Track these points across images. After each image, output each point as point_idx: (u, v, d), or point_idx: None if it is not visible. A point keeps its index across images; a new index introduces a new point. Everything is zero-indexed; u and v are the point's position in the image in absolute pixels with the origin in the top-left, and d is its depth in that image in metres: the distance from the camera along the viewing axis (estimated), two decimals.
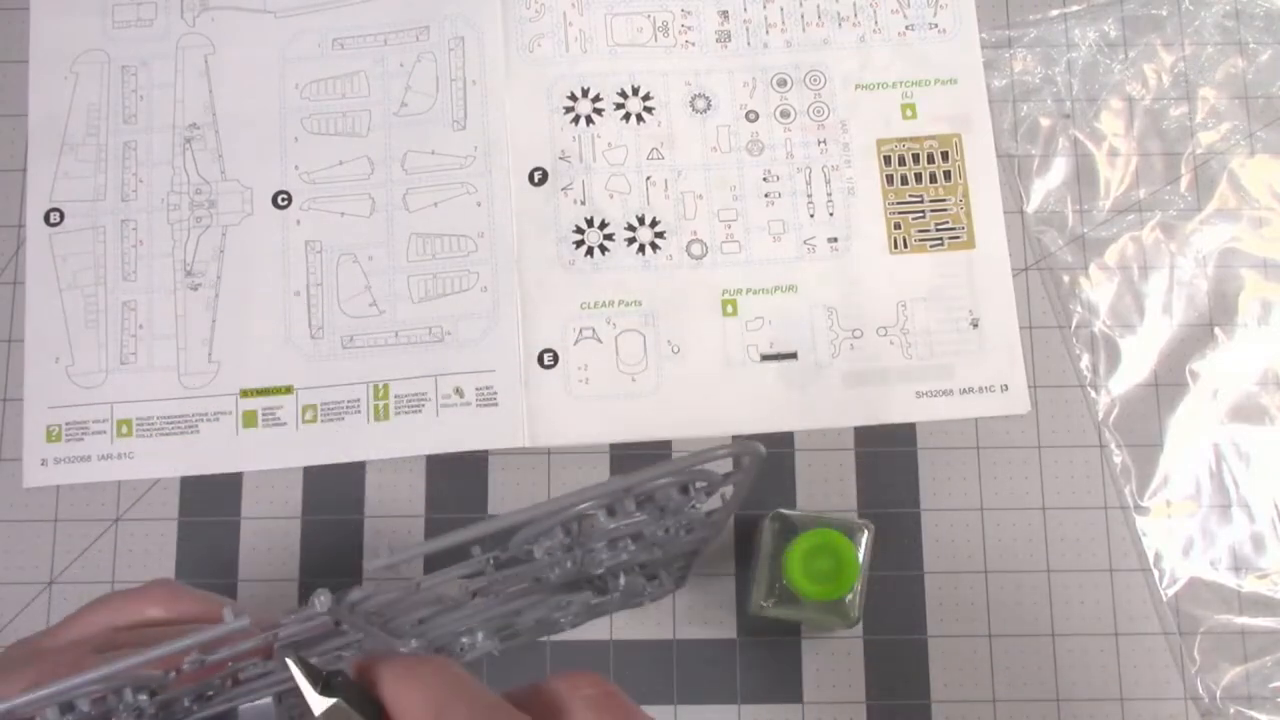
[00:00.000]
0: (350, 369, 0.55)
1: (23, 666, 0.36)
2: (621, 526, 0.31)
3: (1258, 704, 0.53)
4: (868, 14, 0.59)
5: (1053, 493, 0.55)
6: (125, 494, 0.55)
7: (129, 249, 0.57)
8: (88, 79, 0.59)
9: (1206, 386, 0.56)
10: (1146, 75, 0.59)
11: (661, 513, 0.32)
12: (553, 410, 0.54)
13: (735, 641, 0.53)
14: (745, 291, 0.56)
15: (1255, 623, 0.53)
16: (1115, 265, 0.57)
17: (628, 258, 0.56)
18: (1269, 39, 0.59)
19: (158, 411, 0.55)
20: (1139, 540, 0.54)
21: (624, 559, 0.34)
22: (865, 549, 0.49)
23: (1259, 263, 0.57)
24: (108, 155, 0.58)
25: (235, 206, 0.57)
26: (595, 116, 0.58)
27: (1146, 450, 0.55)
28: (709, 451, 0.28)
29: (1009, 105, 0.59)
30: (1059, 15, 0.60)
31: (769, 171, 0.57)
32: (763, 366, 0.55)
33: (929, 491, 0.55)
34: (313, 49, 0.59)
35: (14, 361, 0.56)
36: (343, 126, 0.58)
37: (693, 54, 0.59)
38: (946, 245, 0.57)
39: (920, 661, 0.53)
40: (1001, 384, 0.55)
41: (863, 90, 0.58)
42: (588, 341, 0.55)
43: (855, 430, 0.55)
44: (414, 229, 0.57)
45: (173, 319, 0.56)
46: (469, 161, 0.57)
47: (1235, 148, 0.58)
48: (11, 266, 0.58)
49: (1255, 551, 0.54)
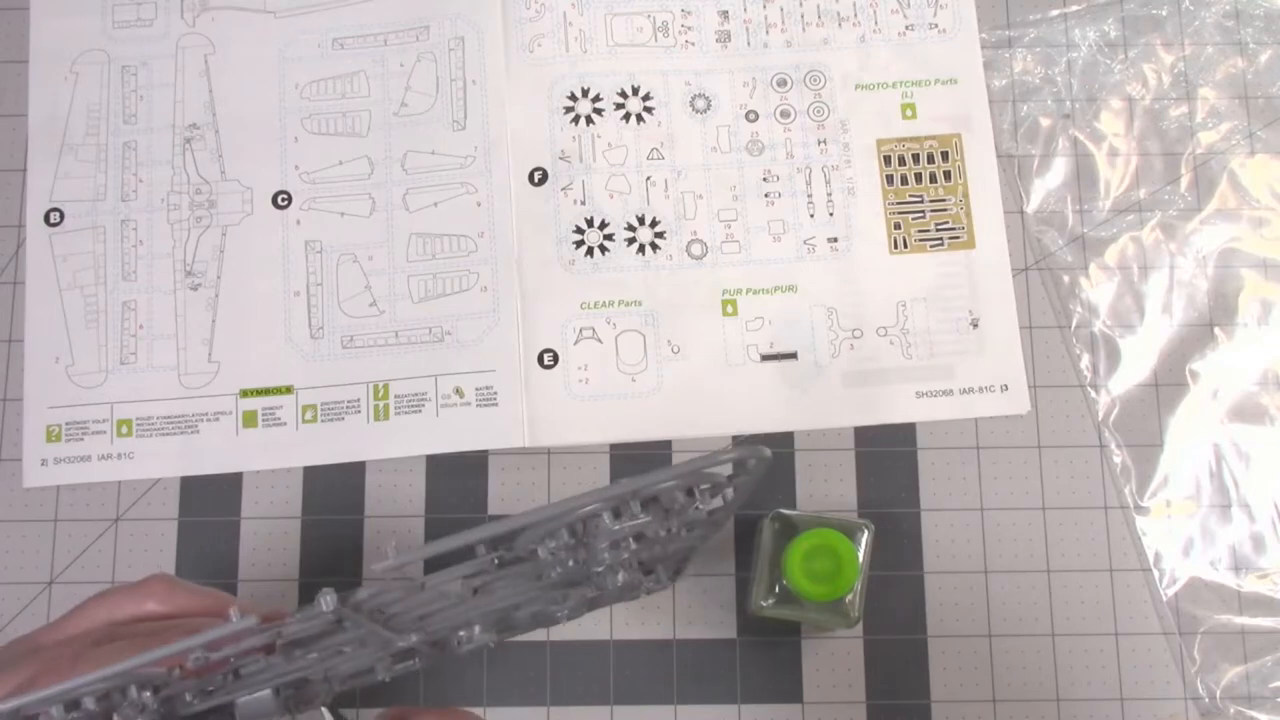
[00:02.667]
0: (350, 369, 0.55)
1: (21, 663, 0.36)
2: (626, 528, 0.31)
3: (1258, 704, 0.53)
4: (868, 14, 0.59)
5: (1053, 493, 0.55)
6: (125, 494, 0.55)
7: (129, 249, 0.57)
8: (88, 79, 0.59)
9: (1206, 386, 0.56)
10: (1146, 75, 0.59)
11: (666, 514, 0.32)
12: (553, 410, 0.54)
13: (735, 641, 0.53)
14: (745, 291, 0.56)
15: (1255, 623, 0.53)
16: (1115, 265, 0.57)
17: (628, 258, 0.56)
18: (1269, 39, 0.59)
19: (158, 411, 0.55)
20: (1139, 540, 0.54)
21: (624, 557, 0.34)
22: (865, 549, 0.49)
23: (1259, 263, 0.57)
24: (108, 155, 0.58)
25: (235, 206, 0.57)
26: (595, 116, 0.58)
27: (1146, 450, 0.55)
28: (715, 454, 0.29)
29: (1009, 105, 0.59)
30: (1059, 15, 0.60)
31: (769, 171, 0.57)
32: (763, 366, 0.55)
33: (929, 491, 0.55)
34: (313, 49, 0.59)
35: (14, 361, 0.56)
36: (343, 126, 0.58)
37: (693, 54, 0.59)
38: (946, 245, 0.57)
39: (920, 661, 0.53)
40: (1001, 384, 0.55)
41: (863, 90, 0.58)
42: (588, 341, 0.55)
43: (855, 430, 0.55)
44: (414, 229, 0.57)
45: (173, 319, 0.56)
46: (469, 161, 0.57)
47: (1235, 148, 0.58)
48: (11, 266, 0.58)
49: (1255, 551, 0.54)
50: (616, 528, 0.31)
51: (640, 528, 0.32)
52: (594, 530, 0.31)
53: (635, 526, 0.31)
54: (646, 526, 0.32)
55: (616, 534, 0.31)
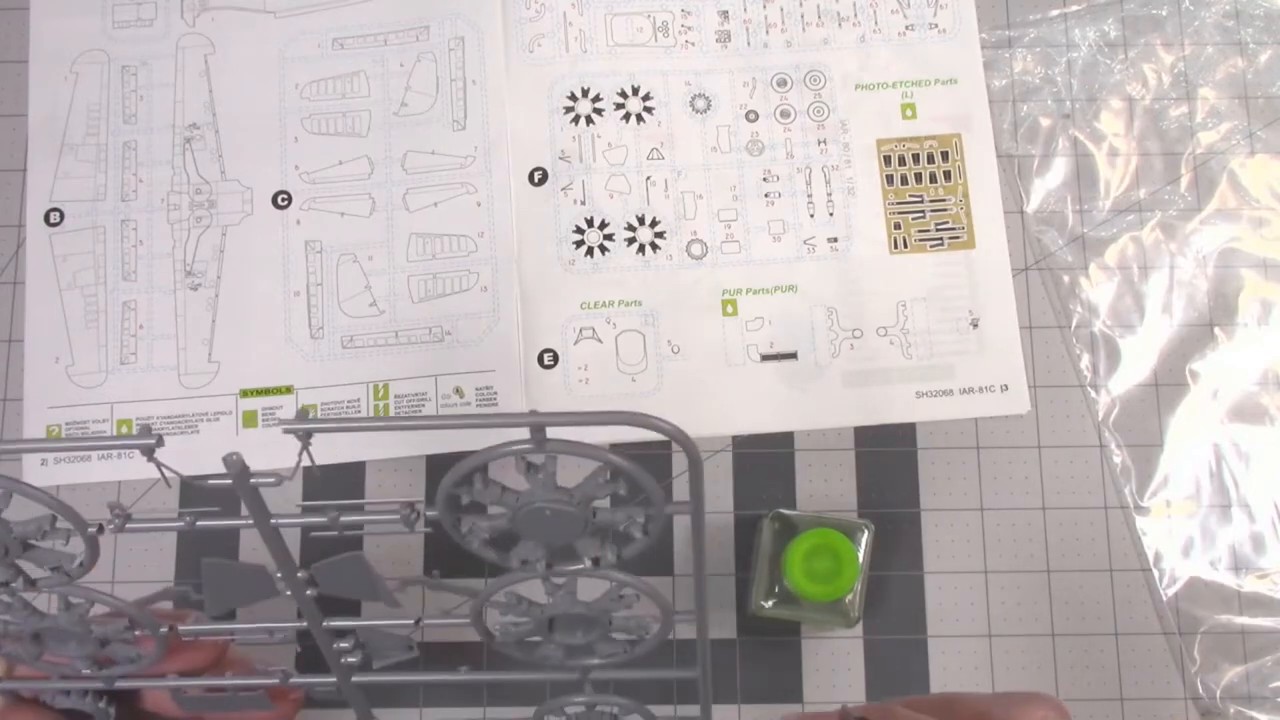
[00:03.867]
0: (350, 369, 0.55)
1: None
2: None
3: (1258, 704, 0.53)
4: (868, 14, 0.59)
5: (1053, 493, 0.55)
6: (125, 494, 0.55)
7: (129, 249, 0.57)
8: (88, 79, 0.59)
9: (1206, 386, 0.56)
10: (1146, 75, 0.59)
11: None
12: (553, 410, 0.54)
13: (735, 641, 0.53)
14: (745, 291, 0.56)
15: (1255, 623, 0.53)
16: (1115, 265, 0.57)
17: (628, 258, 0.56)
18: (1269, 39, 0.59)
19: (158, 411, 0.55)
20: (1139, 540, 0.54)
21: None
22: (865, 549, 0.49)
23: (1259, 263, 0.57)
24: (108, 155, 0.58)
25: (235, 206, 0.57)
26: (595, 116, 0.58)
27: (1146, 450, 0.55)
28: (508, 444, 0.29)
29: (1009, 105, 0.59)
30: (1059, 15, 0.60)
31: (769, 171, 0.57)
32: (763, 366, 0.55)
33: (929, 491, 0.55)
34: (313, 49, 0.59)
35: (14, 361, 0.56)
36: (343, 126, 0.58)
37: (693, 54, 0.59)
38: (946, 245, 0.57)
39: (920, 661, 0.53)
40: (1001, 384, 0.55)
41: (863, 90, 0.58)
42: (588, 341, 0.55)
43: (855, 430, 0.55)
44: (414, 229, 0.57)
45: (173, 319, 0.56)
46: (469, 161, 0.57)
47: (1235, 148, 0.58)
48: (11, 266, 0.58)
49: (1255, 551, 0.54)
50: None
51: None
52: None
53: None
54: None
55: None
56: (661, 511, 0.32)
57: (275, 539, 0.34)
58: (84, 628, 0.36)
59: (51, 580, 0.34)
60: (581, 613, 0.36)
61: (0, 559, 0.33)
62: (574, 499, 0.31)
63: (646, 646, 0.39)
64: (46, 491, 0.30)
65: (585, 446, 0.29)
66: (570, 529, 0.32)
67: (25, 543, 0.33)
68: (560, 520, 0.32)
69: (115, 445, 0.37)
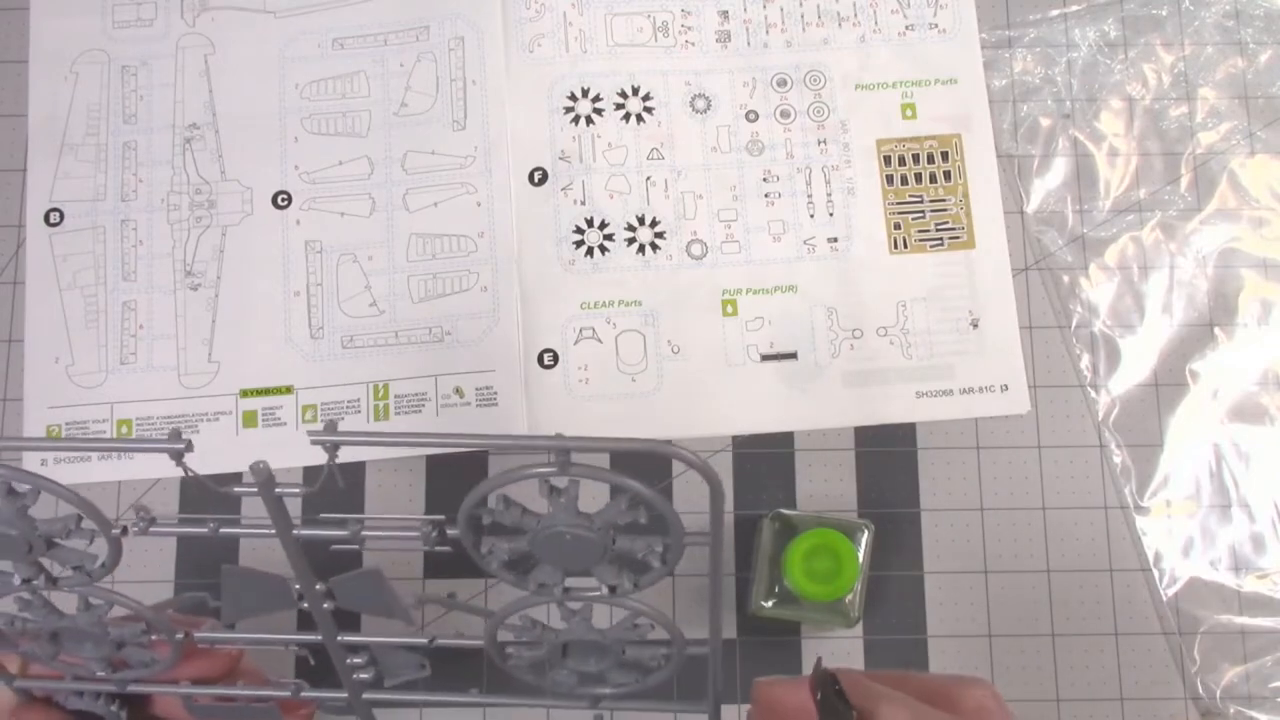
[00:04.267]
0: (350, 369, 0.55)
1: None
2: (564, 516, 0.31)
3: (1258, 704, 0.53)
4: (868, 14, 0.59)
5: (1053, 493, 0.55)
6: (125, 494, 0.55)
7: (129, 249, 0.57)
8: (88, 79, 0.59)
9: (1206, 386, 0.56)
10: (1146, 75, 0.59)
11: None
12: (553, 410, 0.54)
13: (735, 641, 0.53)
14: (745, 291, 0.56)
15: (1255, 623, 0.53)
16: (1115, 265, 0.57)
17: (628, 258, 0.56)
18: (1269, 39, 0.59)
19: (158, 411, 0.55)
20: (1139, 540, 0.54)
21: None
22: (865, 549, 0.49)
23: (1259, 263, 0.57)
24: (108, 155, 0.58)
25: (235, 206, 0.57)
26: (595, 116, 0.58)
27: (1146, 450, 0.55)
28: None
29: (1009, 105, 0.59)
30: (1059, 15, 0.60)
31: (769, 171, 0.57)
32: (763, 366, 0.55)
33: (929, 491, 0.55)
34: (312, 49, 0.59)
35: (14, 361, 0.56)
36: (343, 126, 0.58)
37: (693, 54, 0.59)
38: (946, 245, 0.57)
39: (920, 661, 0.53)
40: (1001, 384, 0.55)
41: (863, 90, 0.58)
42: (588, 341, 0.55)
43: (855, 430, 0.55)
44: (414, 229, 0.57)
45: (173, 319, 0.56)
46: (469, 161, 0.57)
47: (1235, 148, 0.58)
48: (11, 266, 0.58)
49: (1255, 551, 0.54)
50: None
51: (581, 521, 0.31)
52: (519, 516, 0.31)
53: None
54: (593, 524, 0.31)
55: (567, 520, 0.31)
56: (680, 543, 0.31)
57: (296, 549, 0.34)
58: (102, 629, 0.36)
59: (73, 580, 0.34)
60: (596, 640, 0.36)
61: (24, 556, 0.33)
62: (594, 524, 0.31)
63: (659, 677, 0.39)
64: (74, 491, 0.30)
65: (610, 474, 0.29)
66: (589, 554, 0.32)
67: (50, 540, 0.33)
68: (580, 545, 0.32)
69: (145, 448, 0.37)
